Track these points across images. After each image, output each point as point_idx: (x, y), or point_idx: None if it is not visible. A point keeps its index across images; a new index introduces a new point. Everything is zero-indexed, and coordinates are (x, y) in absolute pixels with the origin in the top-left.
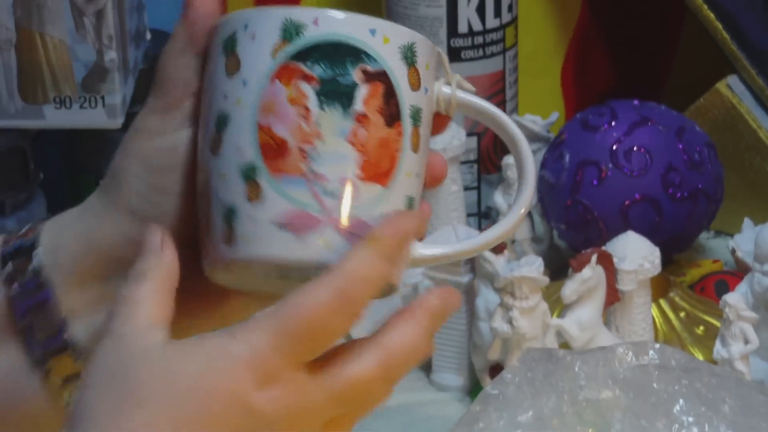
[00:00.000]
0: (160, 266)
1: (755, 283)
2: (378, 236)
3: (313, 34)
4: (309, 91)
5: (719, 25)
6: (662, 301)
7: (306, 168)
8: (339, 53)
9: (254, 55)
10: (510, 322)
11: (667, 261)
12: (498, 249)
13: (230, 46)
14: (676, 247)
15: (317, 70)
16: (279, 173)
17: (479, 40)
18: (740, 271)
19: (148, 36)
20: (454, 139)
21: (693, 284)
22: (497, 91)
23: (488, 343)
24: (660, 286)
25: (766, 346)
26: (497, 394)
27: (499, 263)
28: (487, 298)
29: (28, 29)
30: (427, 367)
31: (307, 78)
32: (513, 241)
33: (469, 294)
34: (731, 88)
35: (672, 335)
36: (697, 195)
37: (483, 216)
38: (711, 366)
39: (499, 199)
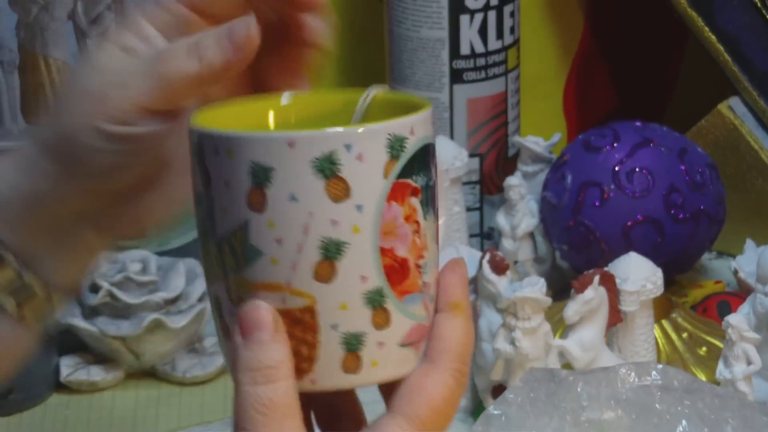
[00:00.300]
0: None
1: (758, 304)
2: (459, 302)
3: (412, 144)
4: (417, 204)
5: (721, 48)
6: (665, 322)
7: (421, 282)
8: (426, 157)
9: (367, 178)
10: (512, 342)
11: (669, 282)
12: (500, 270)
13: (329, 168)
14: (678, 268)
15: (419, 181)
16: (404, 294)
17: (481, 62)
18: (743, 291)
19: None
20: (457, 160)
21: (695, 305)
22: (499, 113)
23: (491, 364)
24: (662, 307)
25: None
26: (499, 415)
27: (501, 284)
28: (489, 318)
29: (31, 51)
30: None
31: (414, 191)
32: (516, 262)
33: (472, 315)
34: (733, 109)
35: (674, 356)
36: (699, 216)
37: (485, 237)
38: (714, 387)
39: (501, 219)
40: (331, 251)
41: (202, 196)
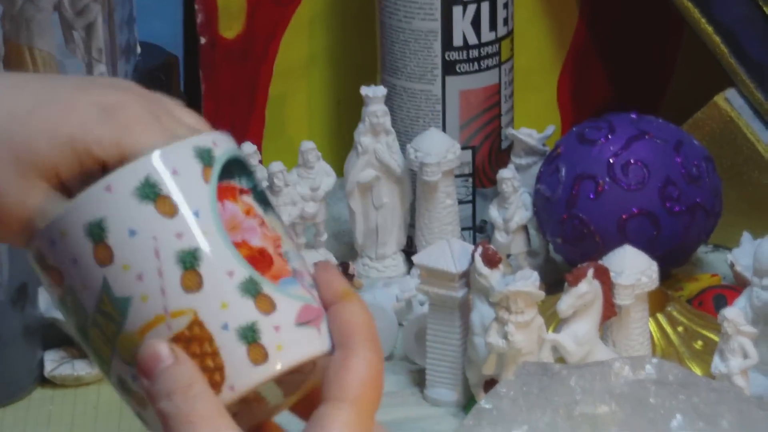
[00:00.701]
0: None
1: (754, 298)
2: (345, 290)
3: (220, 153)
4: (251, 201)
5: (718, 39)
6: (660, 316)
7: (290, 268)
8: (242, 165)
9: (189, 187)
10: (505, 336)
11: (664, 275)
12: (493, 263)
13: (150, 191)
14: (673, 262)
15: (245, 183)
16: (277, 279)
17: (474, 53)
18: (739, 285)
19: (139, 50)
20: (449, 153)
21: (691, 298)
22: (492, 105)
23: (483, 358)
24: (657, 301)
25: (765, 361)
26: (491, 409)
27: (494, 278)
28: (482, 312)
29: (16, 43)
30: (421, 382)
31: (243, 191)
32: (508, 255)
33: (464, 309)
34: (729, 101)
35: (670, 350)
36: (695, 209)
37: (478, 230)
38: (709, 381)
39: (494, 212)
40: (189, 261)
41: (63, 295)
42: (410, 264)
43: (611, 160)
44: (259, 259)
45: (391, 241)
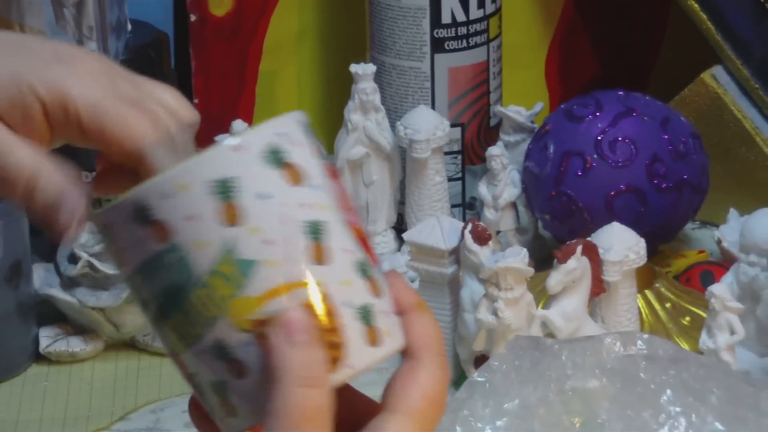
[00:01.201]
0: None
1: (741, 274)
2: (420, 301)
3: (311, 132)
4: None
5: (704, 16)
6: (648, 292)
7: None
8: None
9: (307, 159)
10: (495, 313)
11: (652, 252)
12: (482, 240)
13: (277, 157)
14: (661, 238)
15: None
16: (377, 264)
17: (463, 30)
18: (726, 261)
19: (129, 27)
20: (438, 130)
21: (678, 275)
22: (481, 82)
23: (473, 334)
24: (645, 277)
25: (752, 337)
26: (483, 382)
27: (483, 254)
28: (472, 289)
29: (7, 20)
30: None
31: (335, 171)
32: (498, 232)
33: (454, 285)
34: (716, 78)
35: (657, 326)
36: (682, 185)
37: (467, 207)
38: (699, 356)
39: (483, 189)
40: (315, 232)
41: (160, 254)
42: (401, 241)
43: (599, 137)
44: (364, 241)
45: (381, 218)
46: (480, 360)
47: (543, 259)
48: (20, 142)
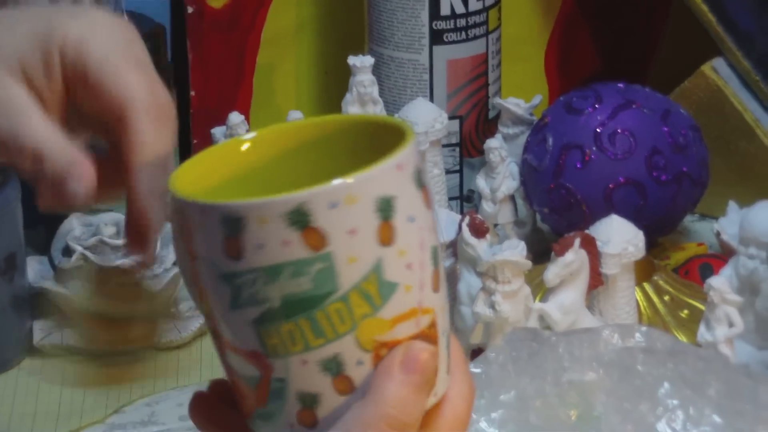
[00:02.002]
0: None
1: (740, 267)
2: None
3: None
4: None
5: (705, 8)
6: (646, 285)
7: None
8: None
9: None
10: (492, 306)
11: (651, 244)
12: (480, 232)
13: (420, 180)
14: (660, 231)
15: None
16: None
17: (462, 22)
18: (725, 254)
19: (126, 19)
20: (437, 123)
21: (677, 268)
22: (480, 74)
23: (470, 328)
24: (644, 270)
25: (751, 330)
26: (480, 373)
27: (481, 247)
28: (469, 282)
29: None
30: None
31: None
32: (495, 225)
33: (451, 278)
34: (717, 70)
35: (656, 319)
36: (681, 178)
37: (465, 199)
38: (697, 349)
39: (481, 182)
40: (437, 258)
41: (307, 261)
42: None
43: (598, 130)
44: None
45: None
46: (477, 353)
47: (541, 252)
48: (35, 108)
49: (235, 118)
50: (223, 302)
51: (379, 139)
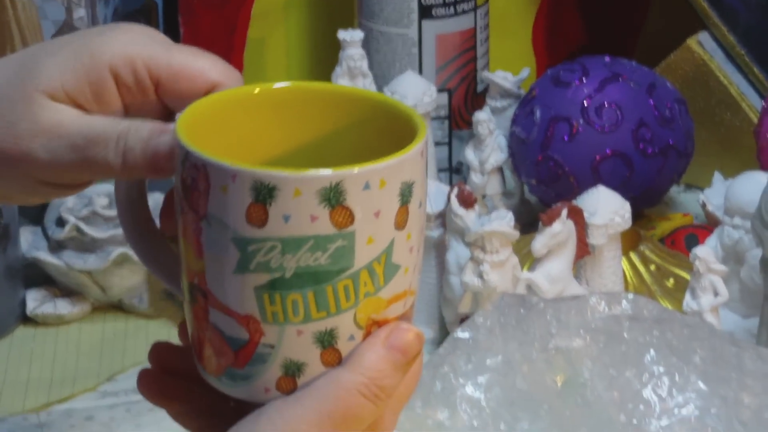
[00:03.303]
0: None
1: (725, 237)
2: None
3: None
4: None
5: None
6: (632, 255)
7: None
8: None
9: None
10: (480, 275)
11: (637, 215)
12: (468, 203)
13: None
14: (646, 202)
15: None
16: None
17: None
18: (710, 224)
19: None
20: (426, 96)
21: (663, 238)
22: (468, 48)
23: (459, 297)
24: (630, 240)
25: (736, 299)
26: (467, 338)
27: (469, 218)
28: (457, 252)
29: None
30: None
31: None
32: (484, 196)
33: (440, 248)
34: (702, 44)
35: (642, 288)
36: (667, 150)
37: (454, 171)
38: (683, 317)
39: (469, 154)
40: (420, 242)
41: (330, 238)
42: None
43: (585, 103)
44: None
45: None
46: (465, 322)
47: (529, 222)
48: (93, 116)
49: None
50: (227, 265)
51: (379, 120)
